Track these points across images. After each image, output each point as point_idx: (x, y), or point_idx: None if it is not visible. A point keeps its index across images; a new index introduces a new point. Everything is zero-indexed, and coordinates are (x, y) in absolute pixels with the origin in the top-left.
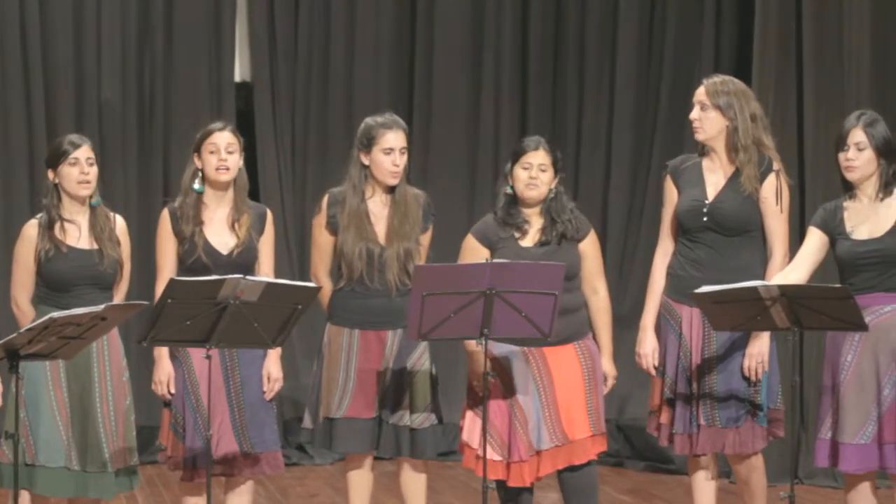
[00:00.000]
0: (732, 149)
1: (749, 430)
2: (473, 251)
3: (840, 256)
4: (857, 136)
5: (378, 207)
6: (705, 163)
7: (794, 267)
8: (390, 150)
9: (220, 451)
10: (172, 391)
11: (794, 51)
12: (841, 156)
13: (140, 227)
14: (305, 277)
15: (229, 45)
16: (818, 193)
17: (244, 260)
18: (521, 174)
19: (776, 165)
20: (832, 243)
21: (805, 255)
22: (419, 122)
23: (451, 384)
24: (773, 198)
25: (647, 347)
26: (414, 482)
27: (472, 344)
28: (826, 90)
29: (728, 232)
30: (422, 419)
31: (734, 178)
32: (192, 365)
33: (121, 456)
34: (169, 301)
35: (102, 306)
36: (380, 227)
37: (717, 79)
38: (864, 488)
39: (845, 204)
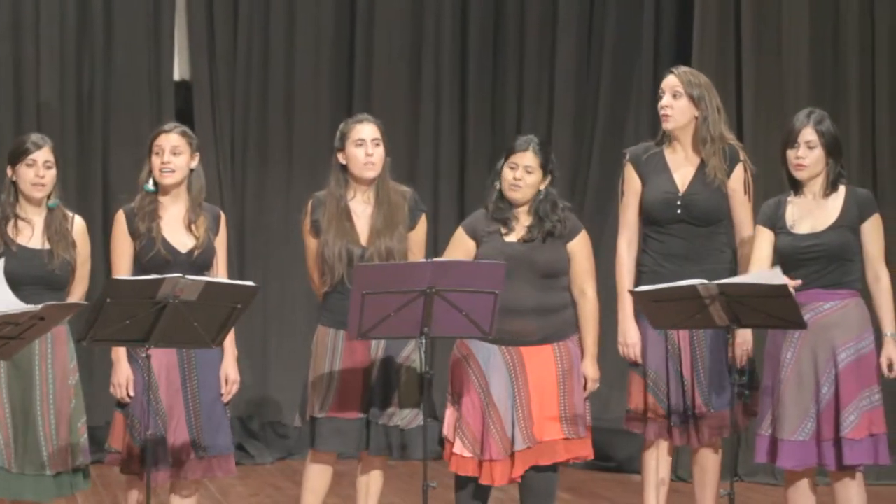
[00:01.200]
0: (700, 140)
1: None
2: (460, 242)
3: (781, 251)
4: (808, 134)
5: (361, 207)
6: (668, 153)
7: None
8: (362, 142)
9: (175, 454)
10: (132, 394)
11: (733, 48)
12: (790, 153)
13: None
14: (245, 278)
15: (168, 44)
16: (758, 188)
17: (204, 261)
18: (507, 173)
19: (742, 156)
20: (775, 238)
21: (761, 258)
22: None
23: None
24: (742, 188)
25: (633, 337)
26: (373, 480)
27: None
28: (765, 87)
29: (700, 223)
30: (410, 418)
31: (702, 169)
32: (151, 366)
33: (61, 458)
34: (108, 300)
35: (40, 306)
36: (362, 227)
37: (688, 69)
38: (803, 485)
39: (789, 199)
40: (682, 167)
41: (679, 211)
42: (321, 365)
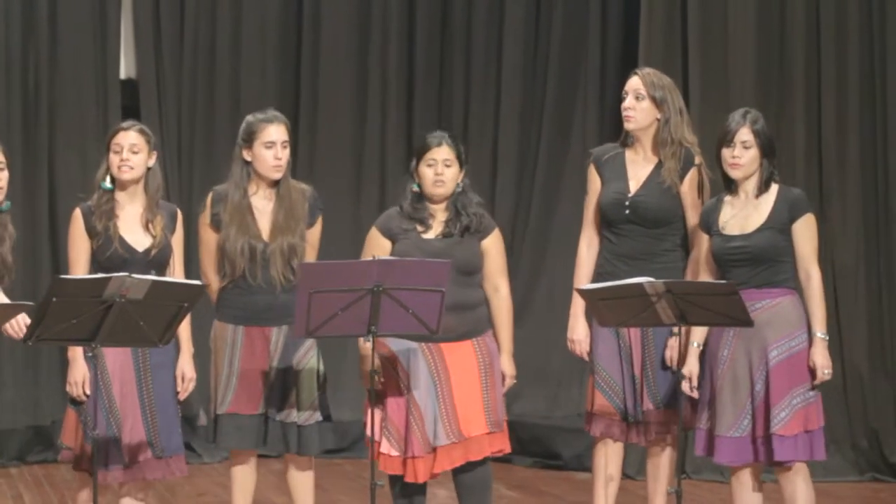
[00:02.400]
0: (660, 141)
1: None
2: (375, 242)
3: (713, 252)
4: (744, 134)
5: (262, 203)
6: (628, 154)
7: (702, 276)
8: (272, 144)
9: (131, 453)
10: (88, 392)
11: (679, 44)
12: (725, 152)
13: (25, 226)
14: (193, 276)
15: (114, 42)
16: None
17: (161, 259)
18: (426, 172)
19: (698, 160)
20: (709, 240)
21: (698, 260)
22: (306, 120)
23: (340, 382)
24: (694, 192)
25: (581, 333)
26: (301, 479)
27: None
28: (711, 86)
29: (649, 224)
30: (307, 416)
31: (656, 171)
32: (106, 365)
33: None
34: (54, 299)
35: None
36: (264, 223)
37: (651, 70)
38: (747, 480)
39: (726, 199)
40: (639, 168)
41: (627, 212)
42: (221, 362)
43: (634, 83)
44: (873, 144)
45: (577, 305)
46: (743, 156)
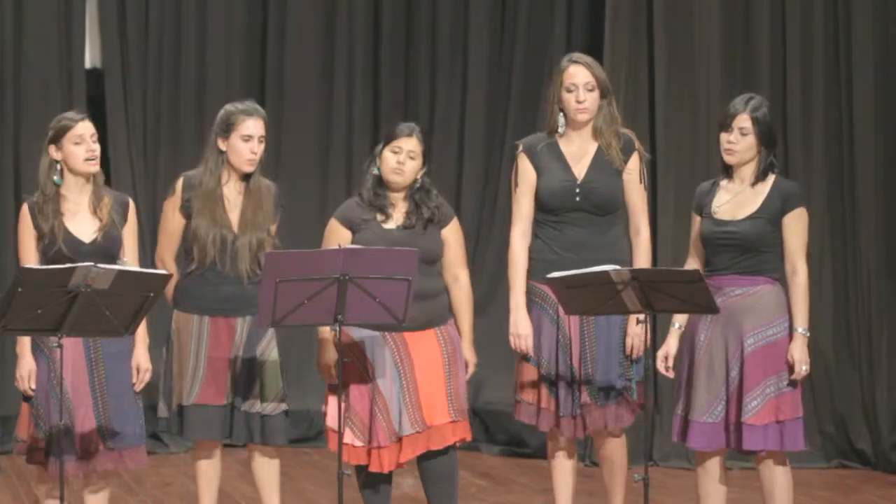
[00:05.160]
0: (601, 126)
1: (625, 405)
2: (335, 233)
3: (702, 234)
4: (743, 120)
5: (233, 195)
6: (562, 142)
7: (691, 259)
8: (249, 138)
9: (84, 445)
10: (33, 386)
11: (644, 32)
12: (723, 136)
13: None
14: (147, 266)
15: (79, 31)
16: (670, 169)
17: (107, 245)
18: (389, 157)
19: (637, 144)
20: (701, 221)
21: (696, 242)
22: (271, 109)
23: (304, 371)
24: (637, 175)
25: (525, 328)
26: (267, 469)
27: (325, 331)
28: (677, 70)
29: (599, 210)
30: (273, 406)
31: (598, 157)
32: (57, 356)
33: None
34: (19, 290)
35: None
36: (233, 215)
37: (590, 59)
38: (713, 466)
39: (721, 183)
40: (578, 156)
41: (578, 199)
42: (186, 352)
43: (584, 76)
44: (839, 132)
45: (520, 299)
46: (739, 142)
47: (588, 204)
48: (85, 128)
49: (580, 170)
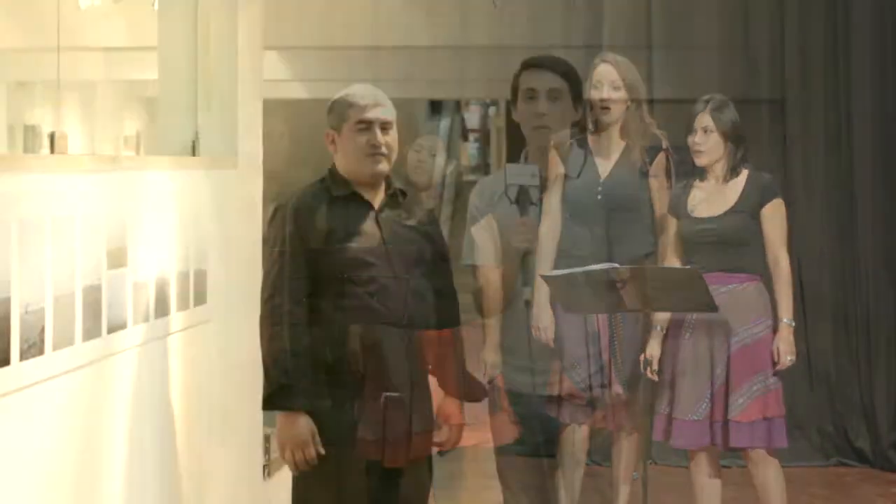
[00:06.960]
0: (629, 126)
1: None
2: None
3: (683, 234)
4: (705, 120)
5: None
6: (592, 139)
7: (670, 259)
8: None
9: None
10: None
11: (644, 31)
12: (690, 139)
13: None
14: None
15: None
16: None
17: None
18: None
19: (665, 143)
20: (678, 222)
21: (666, 243)
22: None
23: None
24: (663, 175)
25: (546, 320)
26: None
27: None
28: (675, 71)
29: (621, 209)
30: None
31: (625, 156)
32: None
33: None
34: None
35: None
36: None
37: (622, 58)
38: (704, 464)
39: (695, 184)
40: (606, 154)
41: (600, 197)
42: None
43: (609, 73)
44: (837, 129)
45: (542, 293)
46: (705, 142)
47: (610, 202)
48: None
49: (605, 168)
